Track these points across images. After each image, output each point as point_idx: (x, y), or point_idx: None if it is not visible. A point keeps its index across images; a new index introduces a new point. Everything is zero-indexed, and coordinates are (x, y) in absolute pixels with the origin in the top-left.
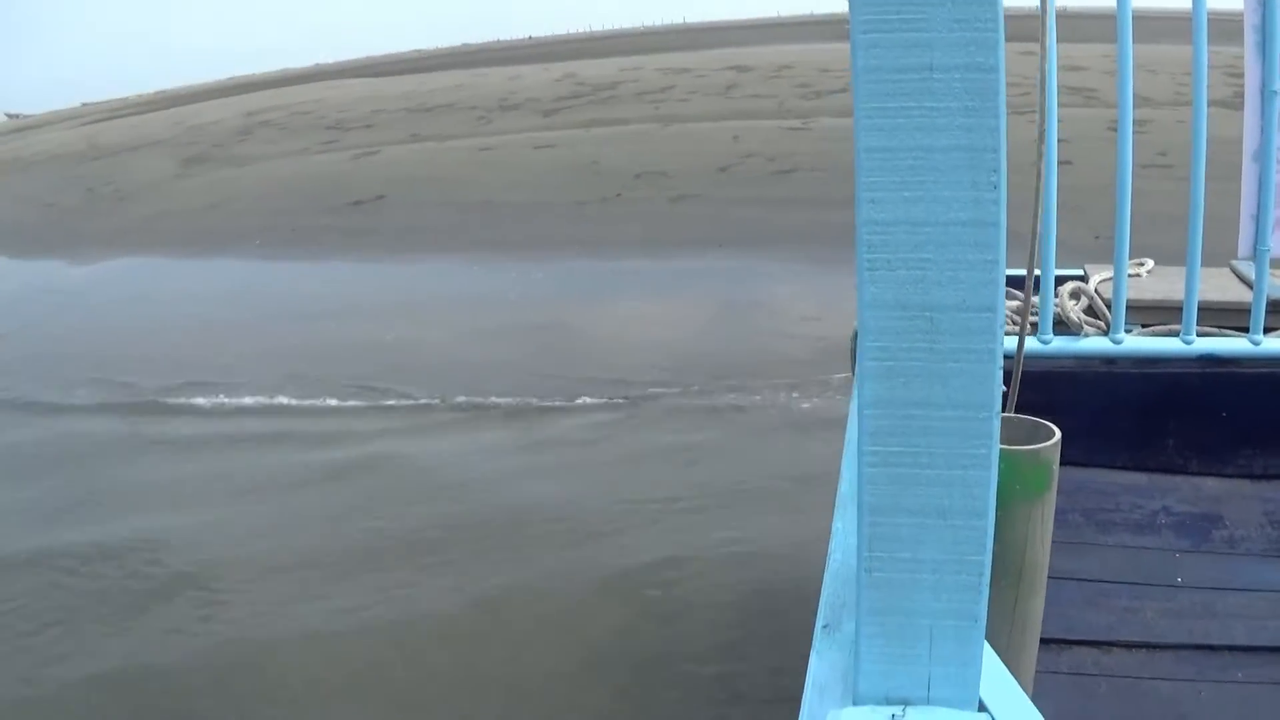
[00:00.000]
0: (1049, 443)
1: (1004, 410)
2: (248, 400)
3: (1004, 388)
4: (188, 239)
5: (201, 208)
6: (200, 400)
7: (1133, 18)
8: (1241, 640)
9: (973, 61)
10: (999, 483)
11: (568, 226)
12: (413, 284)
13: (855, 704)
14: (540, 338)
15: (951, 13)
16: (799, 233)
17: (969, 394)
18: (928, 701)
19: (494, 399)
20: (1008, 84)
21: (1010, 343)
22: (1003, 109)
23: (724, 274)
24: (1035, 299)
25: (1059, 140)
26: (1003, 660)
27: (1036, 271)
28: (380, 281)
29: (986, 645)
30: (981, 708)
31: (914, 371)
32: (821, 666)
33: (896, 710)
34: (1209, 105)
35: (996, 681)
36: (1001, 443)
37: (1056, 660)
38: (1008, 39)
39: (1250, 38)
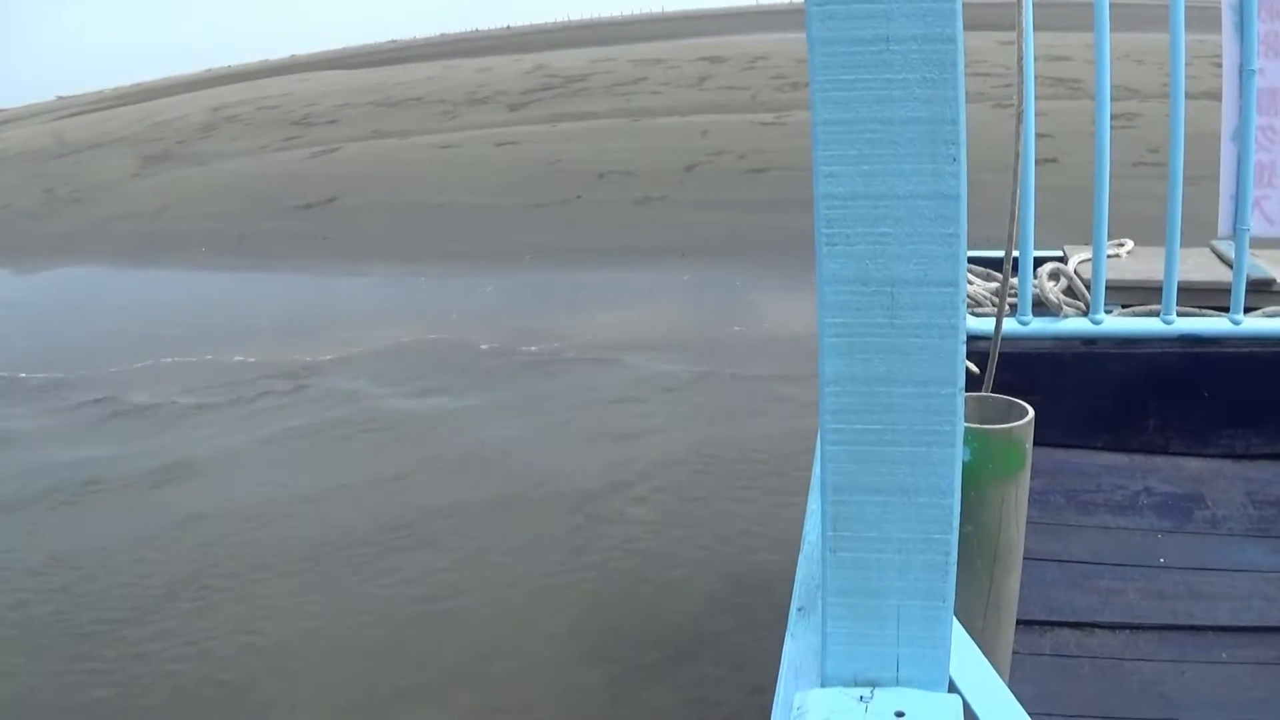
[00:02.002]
0: (1022, 421)
1: (981, 391)
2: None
3: (979, 370)
4: (134, 245)
5: (153, 211)
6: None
7: (1118, 6)
8: (1225, 620)
9: (930, 32)
10: (972, 463)
11: (522, 233)
12: (351, 299)
13: (823, 685)
14: (484, 365)
15: None
16: (767, 240)
17: (931, 370)
18: (896, 683)
19: None
20: (988, 75)
21: (988, 323)
22: (961, 80)
23: (684, 288)
24: (1014, 280)
25: (1043, 136)
26: (980, 641)
27: (1015, 253)
28: (317, 295)
29: (958, 626)
30: (952, 688)
31: (875, 348)
32: (796, 649)
33: (864, 692)
34: (1198, 97)
35: (968, 662)
36: (975, 422)
37: (1039, 642)
38: (988, 28)
39: (1227, 17)
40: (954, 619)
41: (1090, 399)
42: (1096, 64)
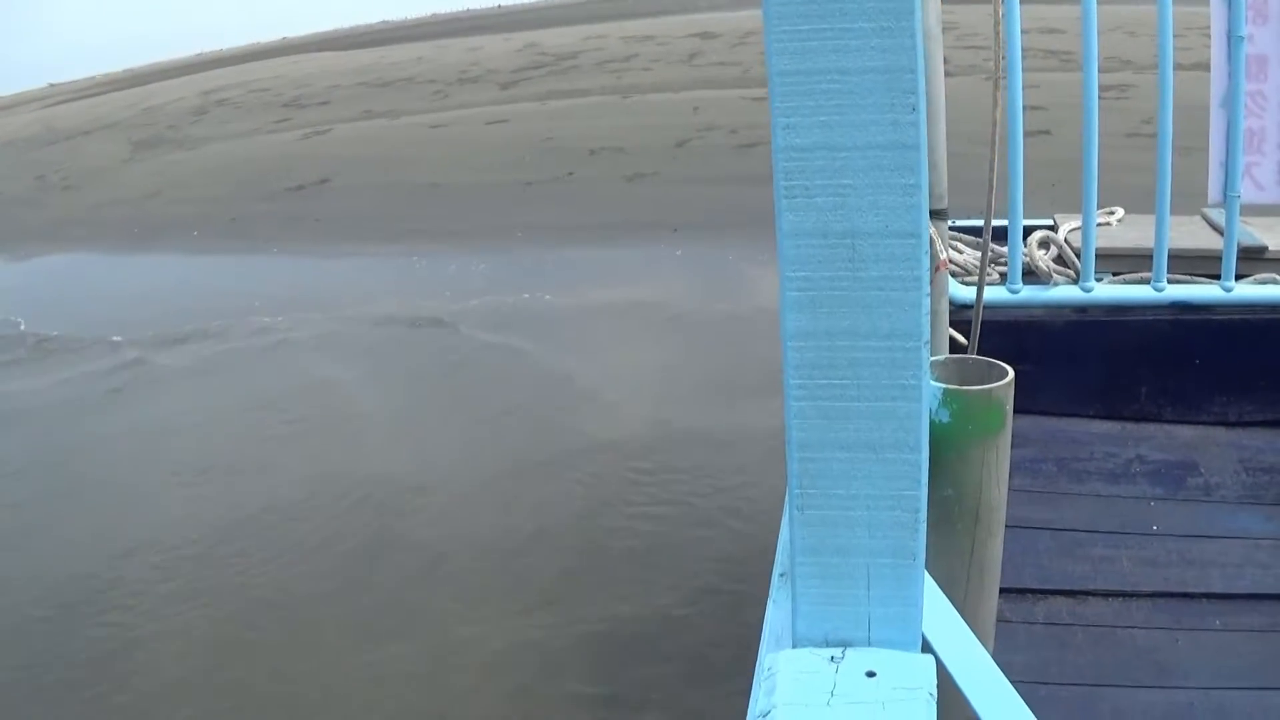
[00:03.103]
0: (1002, 382)
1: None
2: None
3: (964, 339)
4: (126, 231)
5: (144, 195)
6: None
7: None
8: (1218, 588)
9: None
10: (952, 424)
11: (514, 211)
12: (342, 280)
13: (795, 646)
14: (474, 358)
15: None
16: (760, 215)
17: (895, 322)
18: (868, 643)
19: None
20: (982, 48)
21: (971, 291)
22: (919, 28)
23: (677, 263)
24: (1004, 248)
25: (1037, 108)
26: (962, 604)
27: (1003, 222)
28: (309, 277)
29: (933, 586)
30: (927, 648)
31: (837, 301)
32: (778, 615)
33: (836, 652)
34: (1191, 68)
35: (942, 621)
36: (955, 384)
37: (1032, 610)
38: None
39: None
40: (931, 580)
41: (1082, 367)
42: (1084, 29)
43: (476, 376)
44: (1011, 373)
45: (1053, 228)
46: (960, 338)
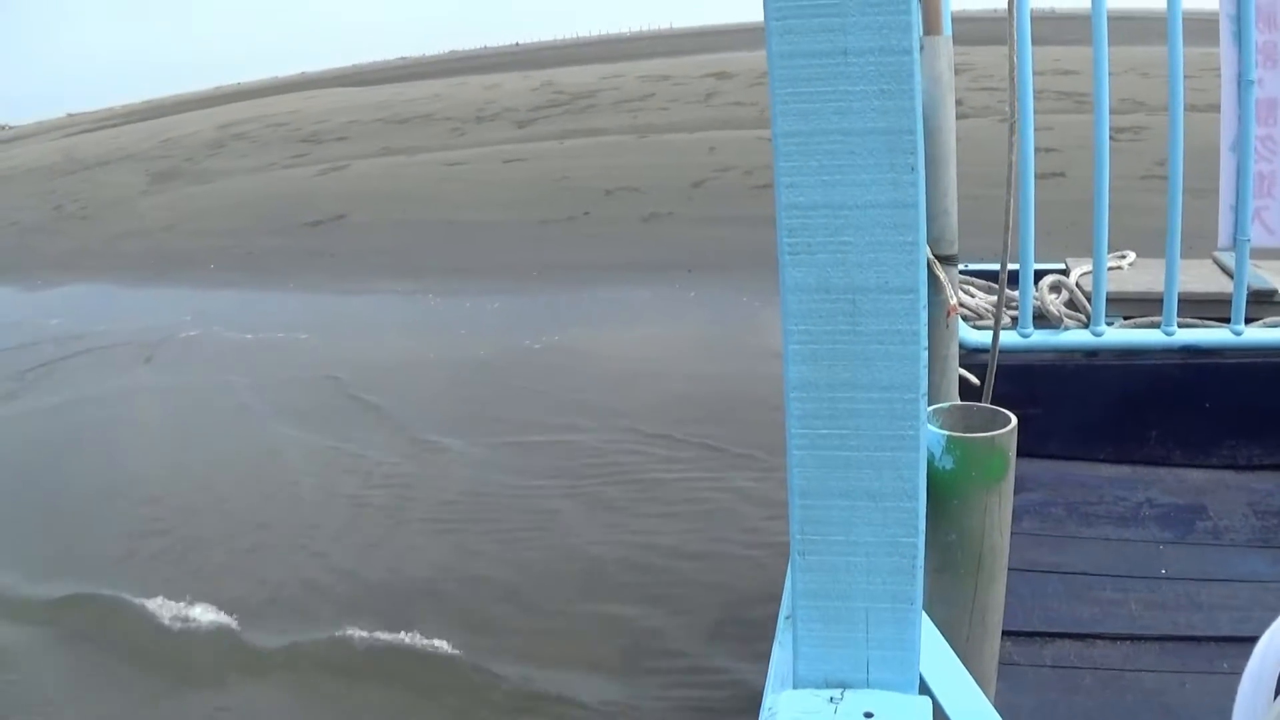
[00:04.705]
0: (1004, 430)
1: (981, 401)
2: None
3: (979, 381)
4: (142, 263)
5: (161, 227)
6: None
7: (1123, 20)
8: (1226, 631)
9: (887, 45)
10: (955, 470)
11: (530, 250)
12: (357, 318)
13: (795, 687)
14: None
15: None
16: (773, 257)
17: (893, 375)
18: (867, 684)
19: None
20: (995, 89)
21: (989, 336)
22: (918, 91)
23: (691, 304)
24: (1015, 292)
25: (1051, 150)
26: (964, 647)
27: (1015, 266)
28: (322, 316)
29: (932, 629)
30: (924, 689)
31: (838, 354)
32: (782, 656)
33: (835, 693)
34: (1205, 110)
35: (939, 663)
36: (960, 431)
37: (1039, 653)
38: (990, 42)
39: (1225, 27)
40: (930, 624)
41: (1092, 411)
42: (1095, 74)
43: (488, 414)
44: (1014, 420)
45: (1064, 271)
46: (973, 378)
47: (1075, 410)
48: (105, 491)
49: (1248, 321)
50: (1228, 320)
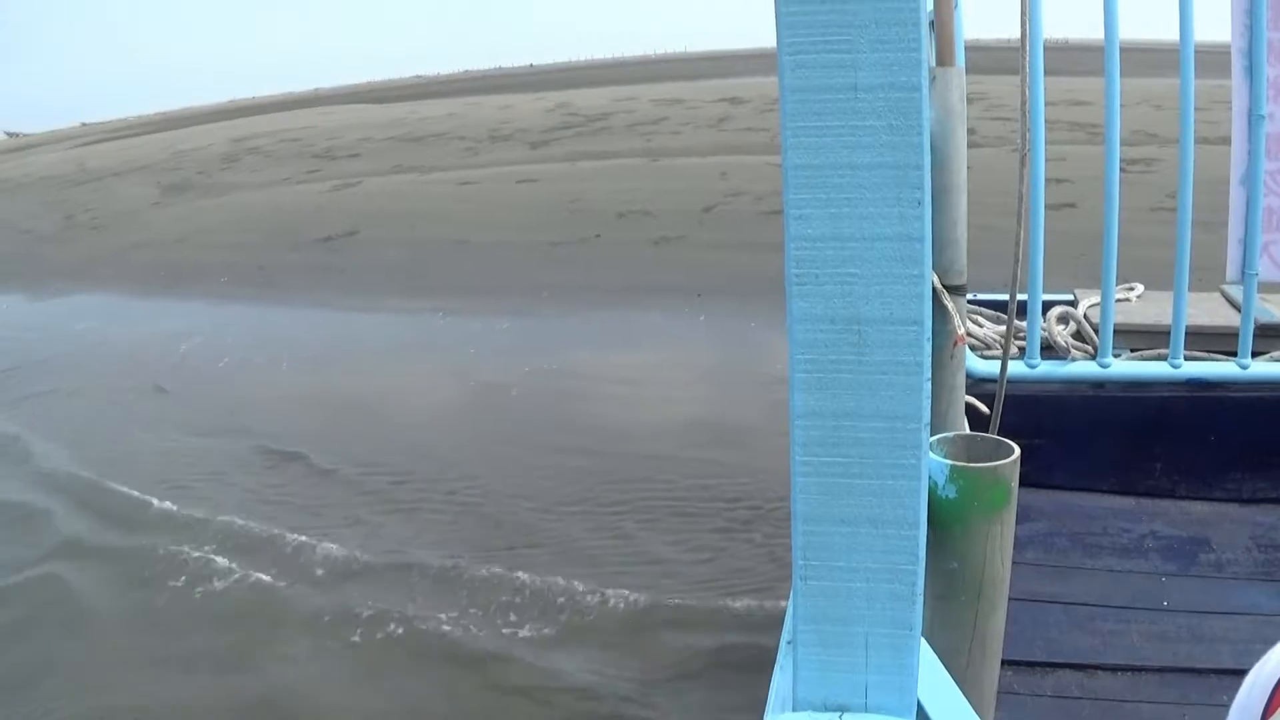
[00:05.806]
0: (1007, 460)
1: (987, 431)
2: None
3: (986, 409)
4: (152, 274)
5: (172, 240)
6: None
7: (1139, 52)
8: (1227, 663)
9: (895, 81)
10: (958, 500)
11: (540, 271)
12: (366, 336)
13: (795, 709)
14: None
15: (875, 35)
16: (782, 283)
17: (897, 405)
18: (865, 708)
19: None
20: (1009, 119)
21: (996, 366)
22: (926, 126)
23: (700, 329)
24: (1024, 324)
25: (1062, 181)
26: (963, 675)
27: (1024, 296)
28: (333, 332)
29: (931, 656)
30: (922, 715)
31: (843, 384)
32: (783, 679)
33: (833, 716)
34: (1217, 143)
35: (937, 689)
36: (963, 461)
37: (1040, 683)
38: (1002, 71)
39: (1237, 62)
40: (929, 650)
41: (1097, 442)
42: (1106, 105)
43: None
44: (1018, 451)
45: (1073, 303)
46: (981, 406)
47: (1081, 441)
48: None
49: (1254, 355)
50: (1234, 354)
